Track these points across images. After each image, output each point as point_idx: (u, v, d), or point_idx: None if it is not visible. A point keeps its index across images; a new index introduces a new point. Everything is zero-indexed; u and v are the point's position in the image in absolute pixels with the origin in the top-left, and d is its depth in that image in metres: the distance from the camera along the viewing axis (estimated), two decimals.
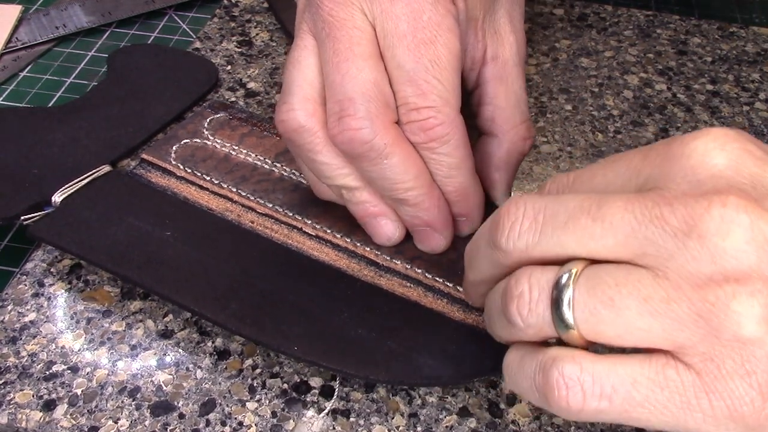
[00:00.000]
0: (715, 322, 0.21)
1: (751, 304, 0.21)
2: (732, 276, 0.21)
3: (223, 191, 0.37)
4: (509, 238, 0.24)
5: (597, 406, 0.22)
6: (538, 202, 0.24)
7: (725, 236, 0.21)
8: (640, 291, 0.22)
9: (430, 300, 0.32)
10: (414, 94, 0.30)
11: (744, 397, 0.21)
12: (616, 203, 0.23)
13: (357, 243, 0.34)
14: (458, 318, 0.31)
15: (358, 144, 0.30)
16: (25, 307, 0.33)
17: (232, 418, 0.30)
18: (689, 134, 0.23)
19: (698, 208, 0.21)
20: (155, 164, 0.38)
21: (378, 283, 0.33)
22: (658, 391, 0.22)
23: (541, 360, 0.24)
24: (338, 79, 0.30)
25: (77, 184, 0.36)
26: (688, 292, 0.21)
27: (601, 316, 0.22)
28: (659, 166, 0.23)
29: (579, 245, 0.23)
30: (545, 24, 0.51)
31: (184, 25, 0.51)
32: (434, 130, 0.30)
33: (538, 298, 0.23)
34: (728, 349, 0.21)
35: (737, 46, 0.50)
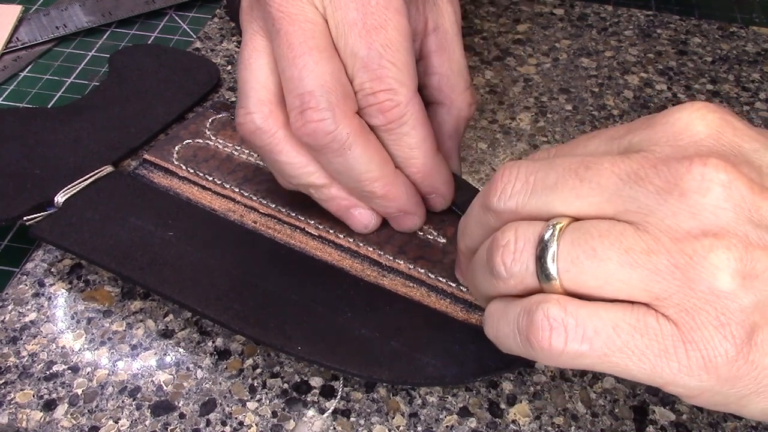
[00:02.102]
0: (692, 274, 0.22)
1: (726, 257, 0.22)
2: (710, 231, 0.22)
3: (226, 191, 0.37)
4: (500, 199, 0.25)
5: (578, 348, 0.23)
6: (530, 166, 0.25)
7: (705, 193, 0.22)
8: (622, 242, 0.23)
9: (433, 300, 0.32)
10: (369, 79, 0.30)
11: (718, 348, 0.22)
12: (603, 164, 0.24)
13: (360, 243, 0.34)
14: (461, 318, 0.31)
15: (321, 135, 0.30)
16: (26, 307, 0.33)
17: (232, 417, 0.30)
18: (672, 107, 0.25)
19: (680, 168, 0.23)
20: (157, 165, 0.38)
21: (381, 283, 0.33)
22: (637, 337, 0.23)
23: (526, 303, 0.24)
24: (296, 74, 0.30)
25: (79, 185, 0.36)
26: (667, 245, 0.22)
27: (583, 266, 0.23)
28: (642, 132, 0.25)
29: (565, 204, 0.24)
30: (545, 24, 0.51)
31: (184, 25, 0.51)
32: (392, 111, 0.30)
33: (523, 248, 0.24)
34: (703, 301, 0.22)
35: (737, 46, 0.50)
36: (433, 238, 0.35)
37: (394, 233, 0.35)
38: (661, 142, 0.24)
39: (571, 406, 0.31)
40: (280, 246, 0.34)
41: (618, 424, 0.30)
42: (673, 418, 0.30)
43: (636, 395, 0.31)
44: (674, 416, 0.30)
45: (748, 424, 0.30)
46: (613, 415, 0.30)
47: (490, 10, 0.53)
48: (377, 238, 0.35)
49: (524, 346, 0.24)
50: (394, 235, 0.35)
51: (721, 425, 0.30)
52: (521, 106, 0.45)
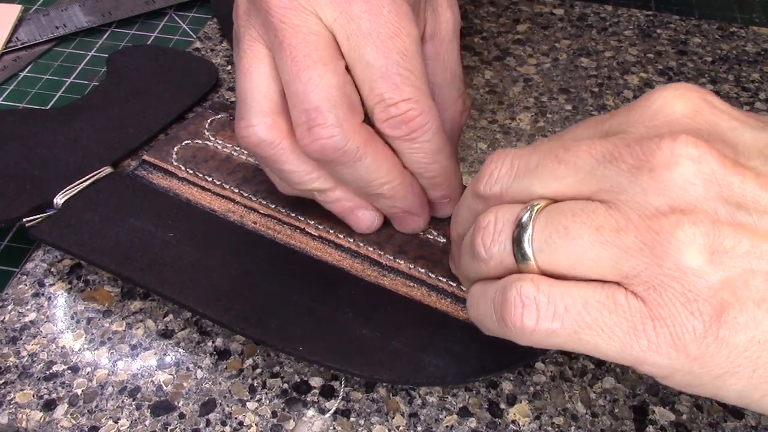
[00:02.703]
0: (659, 251, 0.22)
1: (693, 233, 0.22)
2: (678, 207, 0.22)
3: (226, 192, 0.37)
4: (487, 184, 0.26)
5: (549, 326, 0.23)
6: (517, 152, 0.26)
7: (673, 168, 0.22)
8: (593, 221, 0.23)
9: (434, 299, 0.32)
10: (389, 89, 0.30)
11: (686, 325, 0.22)
12: (581, 147, 0.24)
13: (360, 243, 0.34)
14: (462, 317, 0.31)
15: (330, 152, 0.30)
16: (26, 307, 0.33)
17: (232, 417, 0.30)
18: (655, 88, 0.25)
19: (651, 145, 0.23)
20: (157, 165, 0.38)
21: (381, 283, 0.33)
22: (606, 314, 0.23)
23: (502, 283, 0.25)
24: (301, 88, 0.29)
25: (79, 186, 0.36)
26: (636, 222, 0.22)
27: (556, 245, 0.23)
28: (622, 115, 0.25)
29: (544, 186, 0.25)
30: (545, 24, 0.51)
31: (184, 25, 0.51)
32: (415, 120, 0.30)
33: (502, 229, 0.25)
34: (670, 278, 0.22)
35: (737, 46, 0.50)
36: (433, 238, 0.35)
37: (394, 233, 0.35)
38: (637, 123, 0.24)
39: (571, 406, 0.31)
40: (280, 246, 0.34)
41: (618, 424, 0.30)
42: (673, 418, 0.30)
43: (636, 395, 0.31)
44: (674, 416, 0.30)
45: (747, 425, 0.30)
46: (612, 415, 0.30)
47: (490, 10, 0.53)
48: (377, 238, 0.35)
49: (499, 324, 0.24)
50: (395, 235, 0.35)
51: (721, 425, 0.30)
52: (521, 106, 0.45)
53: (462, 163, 0.41)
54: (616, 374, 0.32)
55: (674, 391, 0.31)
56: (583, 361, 0.32)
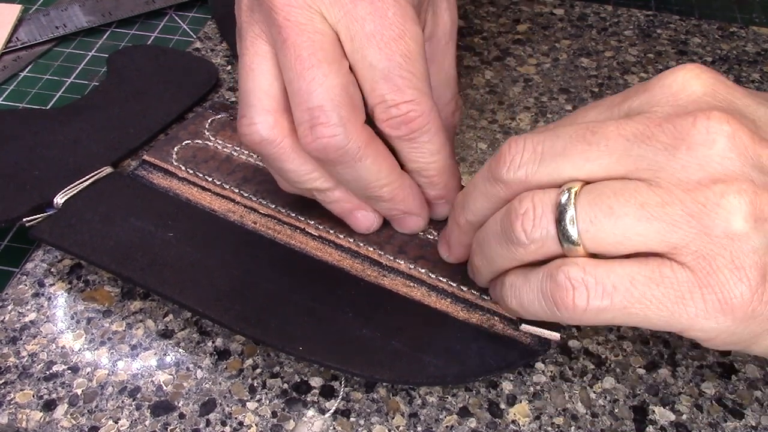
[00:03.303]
0: (706, 221, 0.23)
1: (738, 201, 0.23)
2: (719, 179, 0.23)
3: (226, 192, 0.37)
4: (510, 169, 0.26)
5: (599, 304, 0.24)
6: (536, 137, 0.26)
7: (711, 145, 0.23)
8: (637, 198, 0.24)
9: (434, 299, 0.32)
10: (391, 91, 0.30)
11: (733, 290, 0.23)
12: (608, 128, 0.25)
13: (360, 243, 0.34)
14: (462, 317, 0.31)
15: (332, 151, 0.30)
16: (26, 307, 0.33)
17: (232, 418, 0.30)
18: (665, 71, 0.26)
19: (685, 124, 0.24)
20: (157, 165, 0.38)
21: (381, 283, 0.33)
22: (654, 287, 0.24)
23: (547, 269, 0.26)
24: (304, 87, 0.29)
25: (79, 186, 0.36)
26: (681, 196, 0.24)
27: (602, 225, 0.24)
28: (641, 96, 0.26)
29: (576, 168, 0.25)
30: (545, 24, 0.51)
31: (184, 25, 0.51)
32: (415, 122, 0.30)
33: (542, 214, 0.25)
34: (718, 246, 0.23)
35: (737, 46, 0.50)
36: (433, 237, 0.35)
37: (394, 233, 0.35)
38: (661, 102, 0.25)
39: (571, 406, 0.31)
40: (281, 246, 0.34)
41: (618, 424, 0.30)
42: (673, 418, 0.30)
43: (636, 395, 0.31)
44: (674, 416, 0.30)
45: (747, 425, 0.30)
46: (612, 415, 0.30)
47: (490, 10, 0.53)
48: (377, 238, 0.35)
49: (549, 308, 0.25)
50: (395, 235, 0.35)
51: (720, 425, 0.30)
52: (521, 106, 0.45)
53: (462, 163, 0.41)
54: (616, 374, 0.32)
55: (674, 391, 0.31)
56: (583, 361, 0.32)
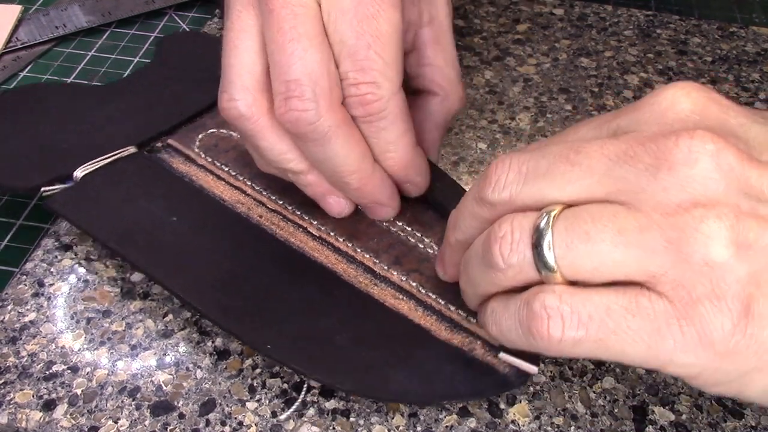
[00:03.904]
0: (685, 247, 0.22)
1: (718, 227, 0.21)
2: (700, 202, 0.22)
3: (238, 183, 0.37)
4: (494, 190, 0.25)
5: (574, 335, 0.23)
6: (522, 156, 0.25)
7: (693, 165, 0.22)
8: (615, 223, 0.23)
9: (420, 315, 0.32)
10: (354, 69, 0.30)
11: (714, 322, 0.22)
12: (592, 148, 0.24)
13: (357, 249, 0.34)
14: (444, 337, 0.31)
15: (303, 125, 0.30)
16: (25, 307, 0.33)
17: (232, 418, 0.30)
18: (658, 88, 0.25)
19: (668, 143, 0.22)
20: (179, 150, 0.39)
21: (371, 291, 0.32)
22: (630, 318, 0.23)
23: (525, 296, 0.24)
24: (284, 60, 0.30)
25: (100, 162, 0.37)
26: (659, 221, 0.22)
27: (578, 251, 0.23)
28: (629, 114, 0.25)
29: (558, 190, 0.24)
30: (545, 24, 0.51)
31: (184, 25, 0.51)
32: (372, 105, 0.30)
33: (520, 239, 0.24)
34: (698, 274, 0.22)
35: (737, 46, 0.50)
36: (432, 252, 0.34)
37: (394, 243, 0.35)
38: (649, 121, 0.24)
39: (571, 406, 0.31)
40: (279, 243, 0.34)
41: (617, 424, 0.30)
42: (673, 418, 0.30)
43: (635, 395, 0.31)
44: (674, 416, 0.30)
45: (747, 425, 0.30)
46: (612, 415, 0.30)
47: (490, 10, 0.53)
48: (376, 245, 0.34)
49: (526, 337, 0.24)
50: (394, 245, 0.34)
51: (720, 425, 0.30)
52: (521, 106, 0.45)
53: (462, 163, 0.41)
54: (615, 374, 0.32)
55: (674, 391, 0.31)
56: (582, 361, 0.32)
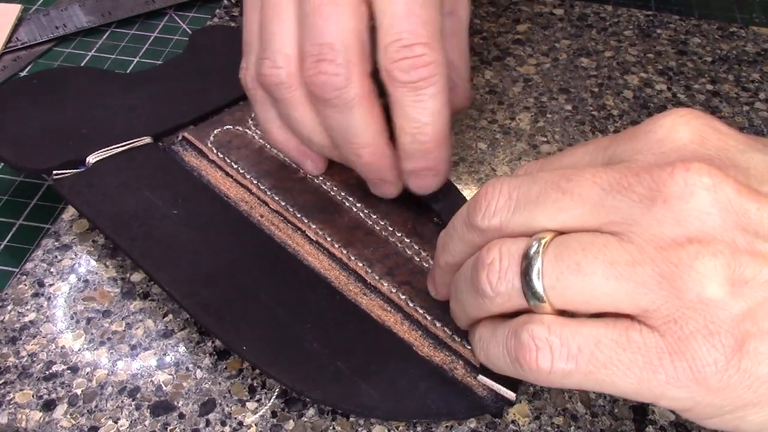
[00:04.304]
0: (679, 283, 0.21)
1: (713, 265, 0.21)
2: (695, 237, 0.21)
3: (245, 182, 0.37)
4: (485, 216, 0.25)
5: (564, 367, 0.23)
6: (513, 182, 0.25)
7: (689, 199, 0.21)
8: (606, 255, 0.22)
9: (405, 329, 0.31)
10: (408, 30, 0.29)
11: (706, 358, 0.21)
12: (584, 176, 0.23)
13: (351, 256, 0.34)
14: (425, 354, 0.30)
15: (329, 89, 0.30)
16: (25, 307, 0.33)
17: (232, 418, 0.30)
18: (657, 115, 0.24)
19: (663, 175, 0.22)
20: (193, 144, 0.39)
21: (359, 301, 0.32)
22: (620, 352, 0.22)
23: (513, 325, 0.24)
24: (319, 23, 0.30)
25: (113, 150, 0.38)
26: (652, 255, 0.22)
27: (568, 282, 0.23)
28: (626, 142, 0.24)
29: (549, 218, 0.24)
30: (545, 24, 0.51)
31: (184, 25, 0.51)
32: (427, 68, 0.29)
33: (508, 266, 0.24)
34: (691, 310, 0.21)
35: (737, 46, 0.50)
36: (428, 266, 0.34)
37: (390, 253, 0.34)
38: (644, 150, 0.23)
39: (571, 406, 0.31)
40: (275, 245, 0.34)
41: (618, 424, 0.30)
42: (673, 418, 0.30)
43: None
44: (674, 416, 0.30)
45: None
46: (612, 415, 0.30)
47: (490, 10, 0.53)
48: (371, 254, 0.34)
49: (514, 366, 0.24)
50: (390, 255, 0.34)
51: None
52: (521, 106, 0.45)
53: (462, 163, 0.41)
54: None
55: None
56: None
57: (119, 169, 0.37)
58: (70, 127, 0.39)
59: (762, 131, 0.44)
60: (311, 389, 0.29)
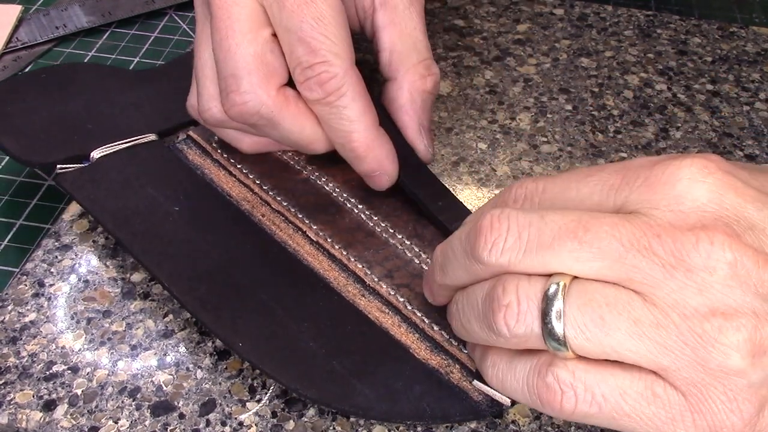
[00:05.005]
0: (702, 353, 0.22)
1: (737, 339, 0.22)
2: (718, 309, 0.22)
3: (248, 181, 0.37)
4: (492, 253, 0.24)
5: (587, 410, 0.23)
6: (521, 219, 0.24)
7: (712, 272, 0.22)
8: (631, 313, 0.23)
9: (402, 331, 0.31)
10: (304, 52, 0.31)
11: (725, 421, 0.22)
12: (602, 227, 0.23)
13: (351, 257, 0.34)
14: (422, 357, 0.30)
15: (248, 116, 0.32)
16: (25, 307, 0.33)
17: (232, 418, 0.30)
18: (668, 160, 0.24)
19: (686, 243, 0.22)
20: (197, 142, 0.39)
21: (357, 302, 0.32)
22: (645, 405, 0.23)
23: (535, 364, 0.24)
24: (221, 56, 0.31)
25: (118, 146, 0.38)
26: (676, 321, 0.22)
27: (591, 334, 0.23)
28: (640, 190, 0.24)
29: (563, 265, 0.24)
30: (545, 24, 0.51)
31: (184, 25, 0.51)
32: (329, 83, 0.31)
33: (528, 310, 0.24)
34: (711, 377, 0.22)
35: (737, 46, 0.50)
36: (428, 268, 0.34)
37: (390, 255, 0.34)
38: (661, 205, 0.23)
39: None
40: (275, 244, 0.34)
41: None
42: None
43: None
44: None
45: None
46: None
47: (490, 10, 0.53)
48: (371, 256, 0.34)
49: (534, 402, 0.25)
50: (390, 258, 0.34)
51: None
52: (521, 106, 0.45)
53: (462, 163, 0.41)
54: None
55: None
56: None
57: (123, 165, 0.37)
58: (76, 121, 0.39)
59: (762, 131, 0.44)
60: (307, 388, 0.29)
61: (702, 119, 0.44)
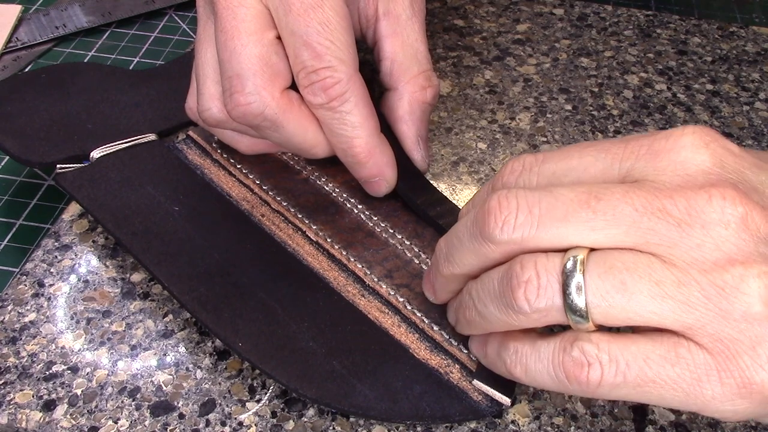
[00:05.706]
0: (725, 304, 0.22)
1: (758, 285, 0.22)
2: (737, 260, 0.23)
3: (248, 181, 0.37)
4: (504, 230, 0.25)
5: (613, 381, 0.23)
6: (530, 196, 0.25)
7: (727, 225, 0.23)
8: (651, 275, 0.23)
9: (402, 331, 0.31)
10: (309, 57, 0.31)
11: (754, 376, 0.23)
12: (614, 195, 0.24)
13: (351, 258, 0.34)
14: (421, 357, 0.30)
15: (251, 117, 0.32)
16: (25, 307, 0.33)
17: (232, 418, 0.30)
18: (668, 131, 0.25)
19: (699, 200, 0.23)
20: (197, 143, 0.39)
21: (357, 302, 0.32)
22: (669, 368, 0.23)
23: (560, 342, 0.25)
24: (226, 57, 0.31)
25: (118, 146, 0.38)
26: (697, 276, 0.23)
27: (613, 300, 0.23)
28: (645, 158, 0.25)
29: (580, 236, 0.24)
30: (545, 24, 0.51)
31: (184, 25, 0.51)
32: (333, 88, 0.31)
33: (547, 284, 0.24)
34: (736, 330, 0.22)
35: (737, 46, 0.50)
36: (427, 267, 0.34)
37: (390, 255, 0.34)
38: (667, 171, 0.24)
39: (571, 407, 0.31)
40: (275, 244, 0.34)
41: (617, 424, 0.30)
42: (673, 418, 0.30)
43: None
44: (674, 416, 0.30)
45: (747, 425, 0.30)
46: (612, 415, 0.30)
47: (490, 10, 0.53)
48: (371, 256, 0.34)
49: (560, 379, 0.25)
50: (389, 258, 0.34)
51: (720, 425, 0.30)
52: (521, 106, 0.45)
53: (462, 163, 0.41)
54: None
55: None
56: None
57: (123, 164, 0.37)
58: (76, 121, 0.39)
59: (762, 131, 0.44)
60: (306, 387, 0.29)
61: (702, 119, 0.44)
